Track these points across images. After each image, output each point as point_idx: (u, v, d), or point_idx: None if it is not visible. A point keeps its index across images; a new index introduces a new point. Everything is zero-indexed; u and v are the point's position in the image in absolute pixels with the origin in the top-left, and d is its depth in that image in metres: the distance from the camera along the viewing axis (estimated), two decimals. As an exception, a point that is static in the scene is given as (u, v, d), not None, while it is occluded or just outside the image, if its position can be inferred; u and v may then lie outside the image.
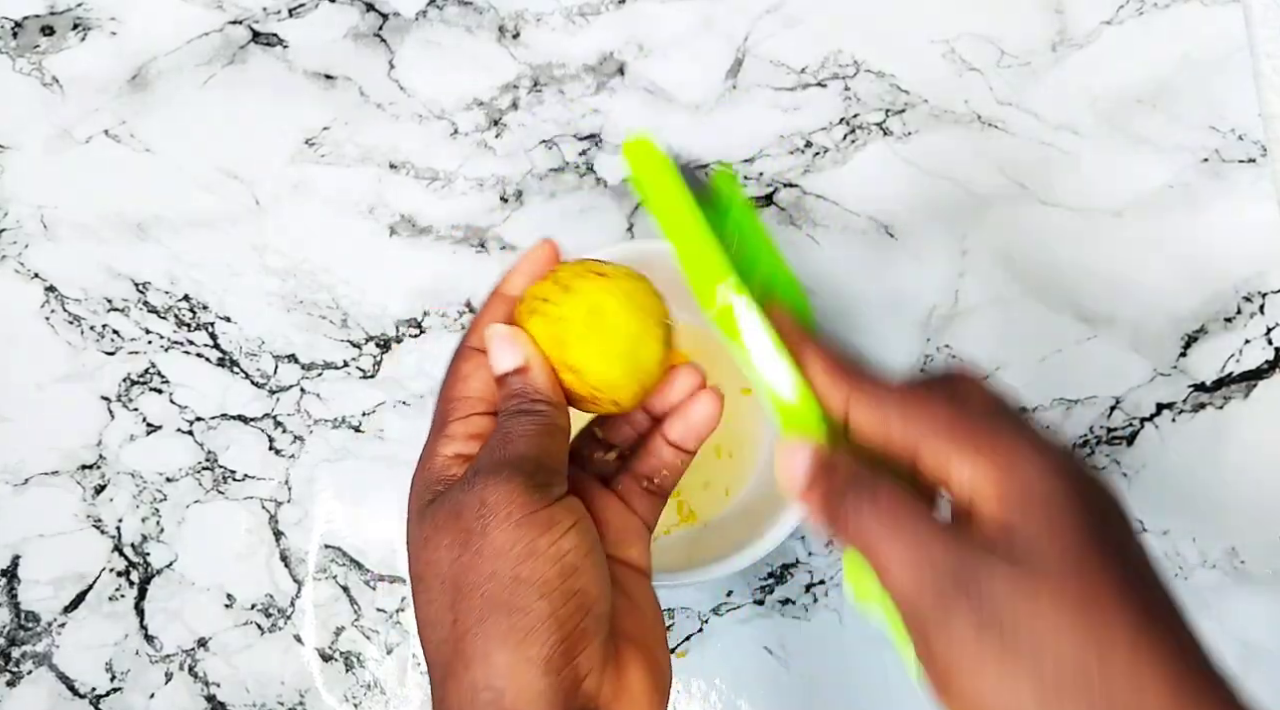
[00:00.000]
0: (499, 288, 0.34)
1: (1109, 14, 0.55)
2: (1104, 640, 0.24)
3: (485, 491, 0.28)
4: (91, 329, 0.52)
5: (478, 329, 0.33)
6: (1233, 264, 0.52)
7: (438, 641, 0.28)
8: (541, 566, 0.27)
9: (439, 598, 0.28)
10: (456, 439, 0.31)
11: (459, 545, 0.28)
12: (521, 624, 0.27)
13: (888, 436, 0.28)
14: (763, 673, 0.48)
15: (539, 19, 0.55)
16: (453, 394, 0.32)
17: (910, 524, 0.26)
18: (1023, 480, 0.26)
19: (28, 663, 0.49)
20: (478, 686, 0.27)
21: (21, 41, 0.55)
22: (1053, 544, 0.25)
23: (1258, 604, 0.48)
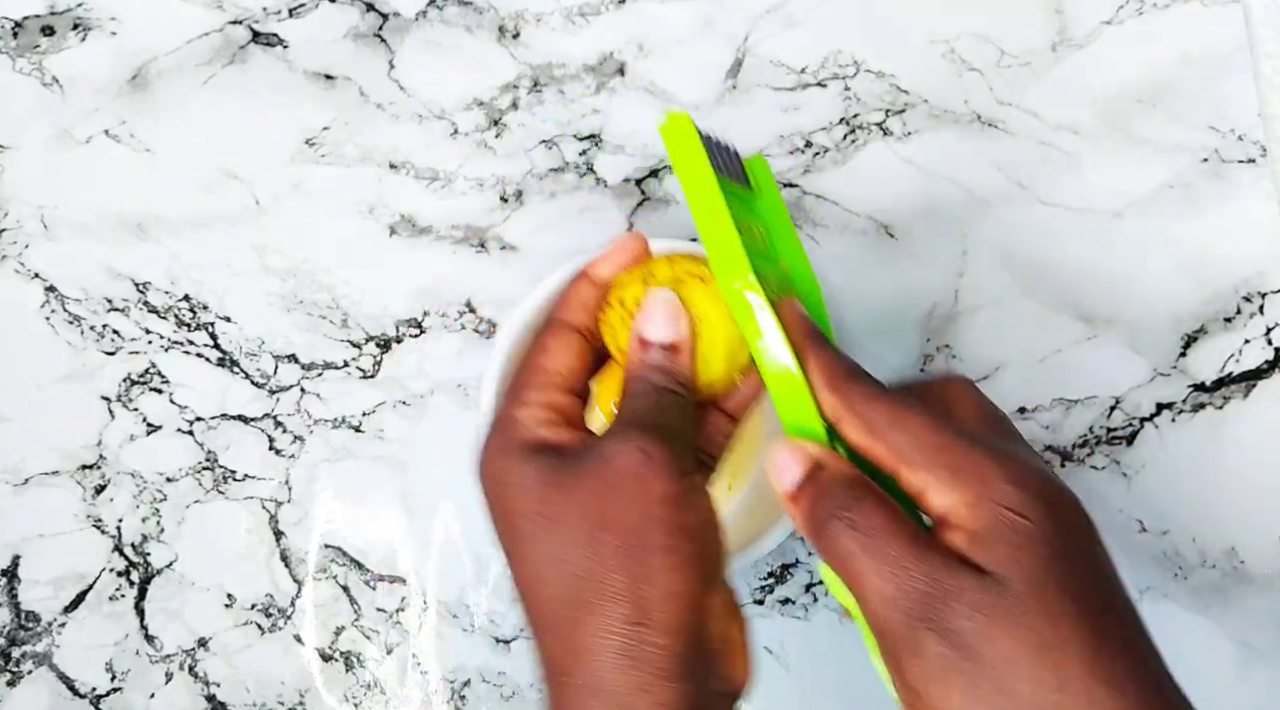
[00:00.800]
0: (587, 270, 0.35)
1: (1109, 14, 0.55)
2: (1061, 674, 0.24)
3: (643, 443, 0.29)
4: (91, 329, 0.52)
5: (566, 303, 0.34)
6: (1233, 264, 0.52)
7: (569, 577, 0.29)
8: (690, 516, 0.29)
9: (576, 536, 0.29)
10: (534, 406, 0.32)
11: (610, 488, 0.29)
12: (672, 560, 0.28)
13: (871, 453, 0.29)
14: (763, 673, 0.48)
15: (539, 19, 0.55)
16: (533, 363, 0.33)
17: (886, 546, 0.27)
18: (994, 505, 0.26)
19: (28, 663, 0.49)
20: (622, 619, 0.28)
21: (21, 41, 0.55)
22: (1018, 570, 0.25)
23: (1258, 604, 0.48)
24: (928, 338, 0.51)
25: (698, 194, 0.33)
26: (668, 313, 0.33)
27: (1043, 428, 0.50)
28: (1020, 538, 0.26)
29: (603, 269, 0.35)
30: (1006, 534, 0.26)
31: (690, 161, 0.33)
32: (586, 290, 0.35)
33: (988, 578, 0.25)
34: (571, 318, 0.34)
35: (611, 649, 0.28)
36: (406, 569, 0.50)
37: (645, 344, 0.32)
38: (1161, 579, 0.48)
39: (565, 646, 0.29)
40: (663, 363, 0.32)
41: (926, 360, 0.51)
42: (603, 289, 0.35)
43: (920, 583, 0.26)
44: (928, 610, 0.26)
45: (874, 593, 0.27)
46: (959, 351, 0.51)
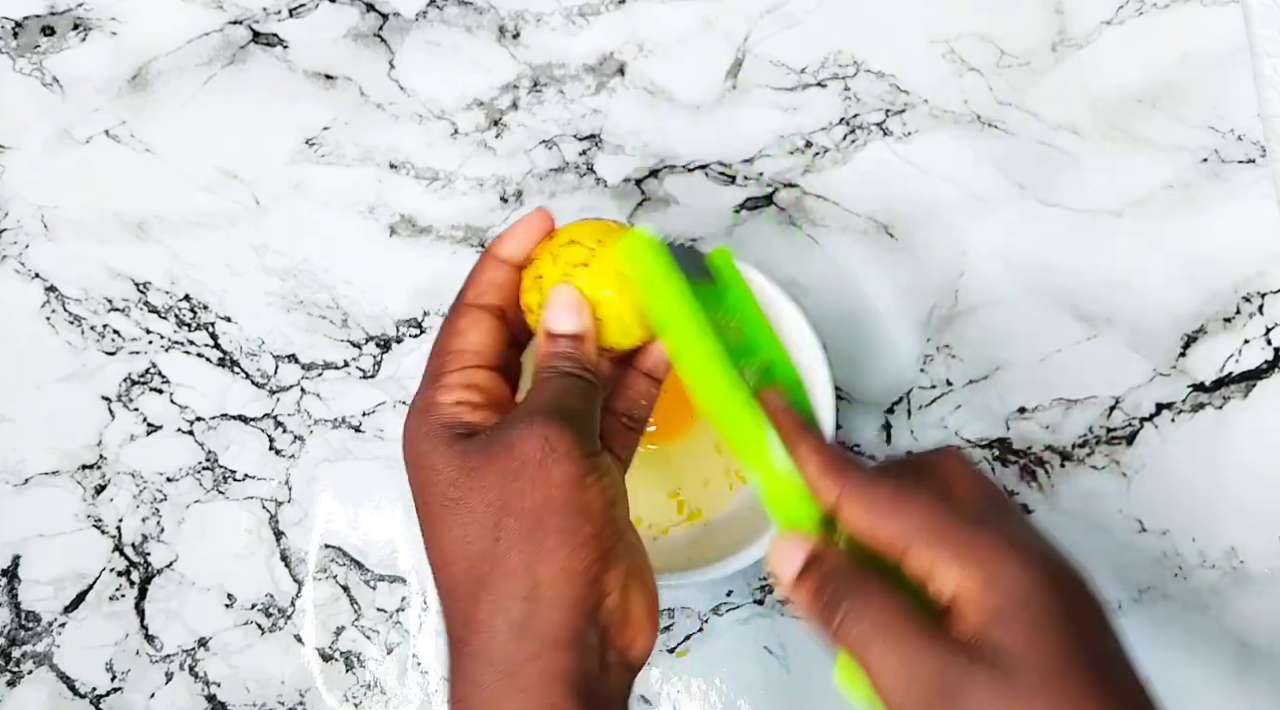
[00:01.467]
0: (492, 249, 0.36)
1: (1109, 14, 0.55)
2: None
3: (547, 430, 0.30)
4: (92, 329, 0.52)
5: (475, 285, 0.35)
6: (1232, 264, 0.52)
7: (472, 558, 0.30)
8: (590, 497, 0.30)
9: (481, 518, 0.30)
10: (455, 389, 0.33)
11: (513, 474, 0.30)
12: (569, 541, 0.30)
13: (875, 536, 0.30)
14: (763, 673, 0.48)
15: (539, 19, 0.55)
16: (449, 346, 0.34)
17: (898, 632, 0.27)
18: (1003, 589, 0.27)
19: (28, 663, 0.49)
20: (517, 595, 0.29)
21: (22, 41, 0.55)
22: (1031, 654, 0.26)
23: (1257, 604, 0.48)
24: (928, 338, 0.51)
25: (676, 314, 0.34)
26: (570, 306, 0.34)
27: (1043, 428, 0.50)
28: (1031, 621, 0.26)
29: (507, 247, 0.36)
30: (1019, 615, 0.26)
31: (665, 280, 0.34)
32: (495, 270, 0.35)
33: (1001, 663, 0.26)
34: (481, 299, 0.35)
35: (505, 622, 0.29)
36: (406, 569, 0.50)
37: (552, 337, 0.34)
38: (1161, 579, 0.48)
39: (465, 619, 0.30)
40: (568, 350, 0.34)
41: (926, 360, 0.51)
42: (509, 267, 0.36)
43: (934, 669, 0.26)
44: (943, 697, 0.26)
45: (889, 680, 0.27)
46: (959, 351, 0.51)
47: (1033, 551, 0.28)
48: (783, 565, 0.31)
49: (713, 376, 0.33)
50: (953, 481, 0.32)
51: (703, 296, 0.35)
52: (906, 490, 0.30)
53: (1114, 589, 0.48)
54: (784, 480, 0.32)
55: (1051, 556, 0.28)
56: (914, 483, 0.30)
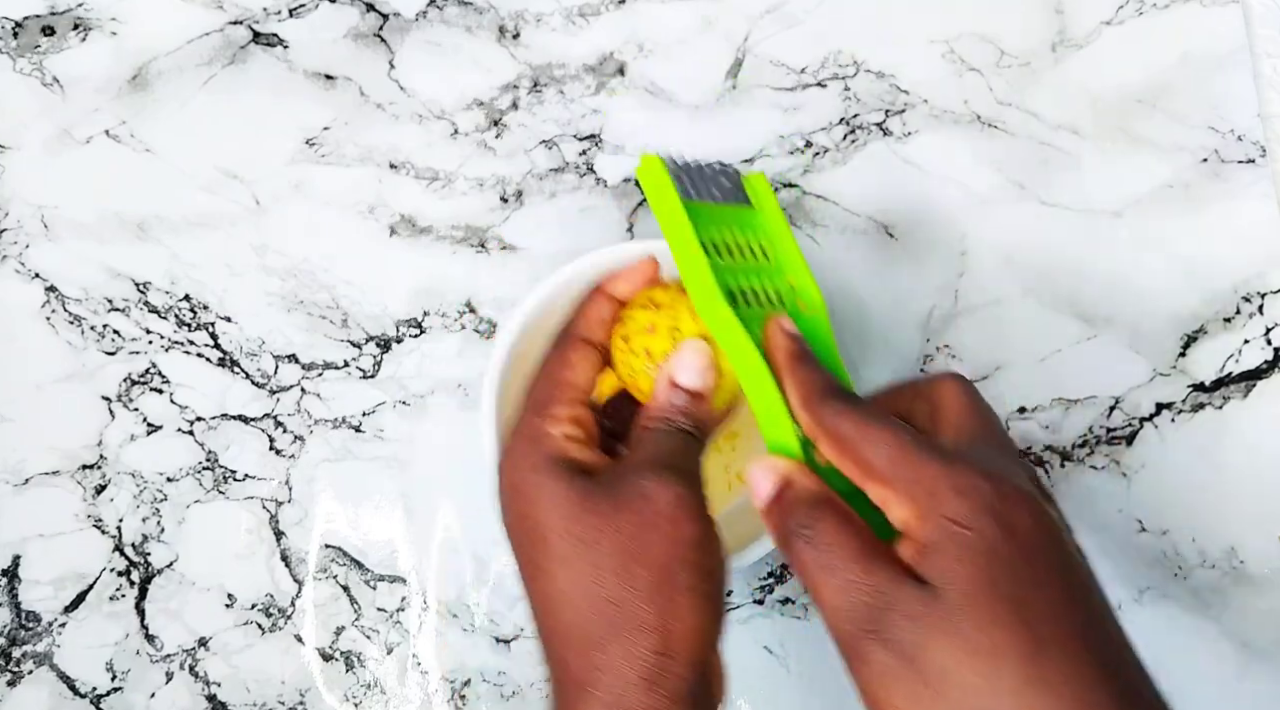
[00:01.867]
0: (605, 286, 0.37)
1: (1109, 14, 0.55)
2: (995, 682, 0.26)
3: (680, 488, 0.32)
4: (92, 329, 0.52)
5: (587, 319, 0.37)
6: (1232, 264, 0.52)
7: (601, 600, 0.31)
8: (711, 559, 0.32)
9: (612, 563, 0.31)
10: (563, 422, 0.34)
11: (647, 525, 0.31)
12: (697, 601, 0.31)
13: (843, 468, 0.31)
14: (763, 673, 0.48)
15: (539, 19, 0.55)
16: (560, 377, 0.35)
17: (843, 556, 0.28)
18: (939, 520, 0.28)
19: (28, 662, 0.49)
20: (652, 648, 0.30)
21: (22, 41, 0.55)
22: (955, 580, 0.27)
23: (1257, 604, 0.48)
24: (928, 338, 0.51)
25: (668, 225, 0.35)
26: (701, 364, 0.35)
27: (1043, 428, 0.50)
28: (960, 549, 0.27)
29: (621, 287, 0.37)
30: (948, 545, 0.27)
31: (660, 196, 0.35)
32: (605, 307, 0.37)
33: (927, 589, 0.27)
34: (591, 334, 0.36)
35: (637, 673, 0.30)
36: (406, 569, 0.50)
37: (674, 388, 0.35)
38: (1161, 579, 0.48)
39: (588, 663, 0.31)
40: (688, 407, 0.35)
41: (926, 360, 0.51)
42: (616, 306, 0.37)
43: (866, 595, 0.27)
44: (872, 621, 0.27)
45: (827, 604, 0.28)
46: (959, 351, 0.51)
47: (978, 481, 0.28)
48: (756, 488, 0.32)
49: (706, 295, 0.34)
50: (942, 404, 0.33)
51: (735, 218, 0.36)
52: (871, 423, 0.30)
53: (1114, 589, 0.48)
54: (772, 404, 0.33)
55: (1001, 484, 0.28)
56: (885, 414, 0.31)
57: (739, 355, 0.34)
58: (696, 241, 0.34)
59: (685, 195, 0.36)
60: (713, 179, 0.37)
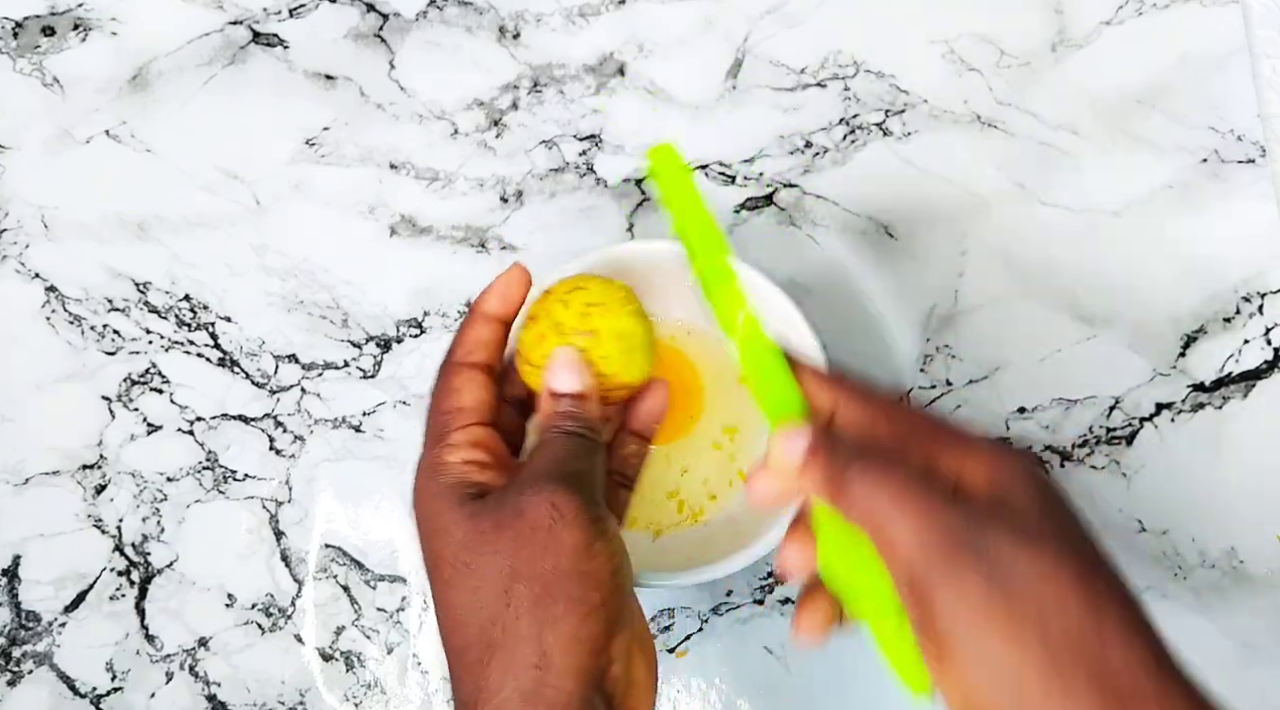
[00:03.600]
0: (477, 307, 0.37)
1: (1109, 14, 0.55)
2: (1103, 610, 0.26)
3: (555, 497, 0.31)
4: (92, 329, 0.52)
5: (464, 344, 0.36)
6: (1232, 264, 0.52)
7: (483, 623, 0.31)
8: (598, 564, 0.31)
9: (492, 584, 0.31)
10: (461, 447, 0.34)
11: (524, 540, 0.31)
12: (578, 610, 0.30)
13: (875, 430, 0.31)
14: (763, 673, 0.48)
15: (539, 19, 0.55)
16: (448, 406, 0.35)
17: (916, 490, 0.28)
18: (1009, 467, 0.28)
19: (28, 662, 0.49)
20: (528, 662, 0.30)
21: (22, 41, 0.55)
22: (1048, 520, 0.27)
23: (1257, 604, 0.48)
24: (928, 338, 0.51)
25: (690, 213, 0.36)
26: (572, 368, 0.35)
27: (1043, 428, 0.50)
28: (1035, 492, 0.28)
29: (492, 304, 0.37)
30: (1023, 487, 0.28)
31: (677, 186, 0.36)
32: (482, 328, 0.37)
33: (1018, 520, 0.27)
34: (470, 357, 0.36)
35: (515, 689, 0.29)
36: (406, 569, 0.50)
37: (555, 396, 0.35)
38: (1161, 579, 0.48)
39: (475, 684, 0.30)
40: (571, 409, 0.35)
41: (926, 360, 0.51)
42: (495, 324, 0.37)
43: (954, 527, 0.27)
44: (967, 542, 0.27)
45: (909, 535, 0.27)
46: (959, 351, 0.51)
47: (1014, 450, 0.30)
48: (788, 452, 0.31)
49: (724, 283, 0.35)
50: None
51: None
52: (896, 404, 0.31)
53: (1114, 589, 0.48)
54: (783, 384, 0.34)
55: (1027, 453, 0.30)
56: None
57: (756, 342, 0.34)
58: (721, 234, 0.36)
59: None
60: None
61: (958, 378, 0.51)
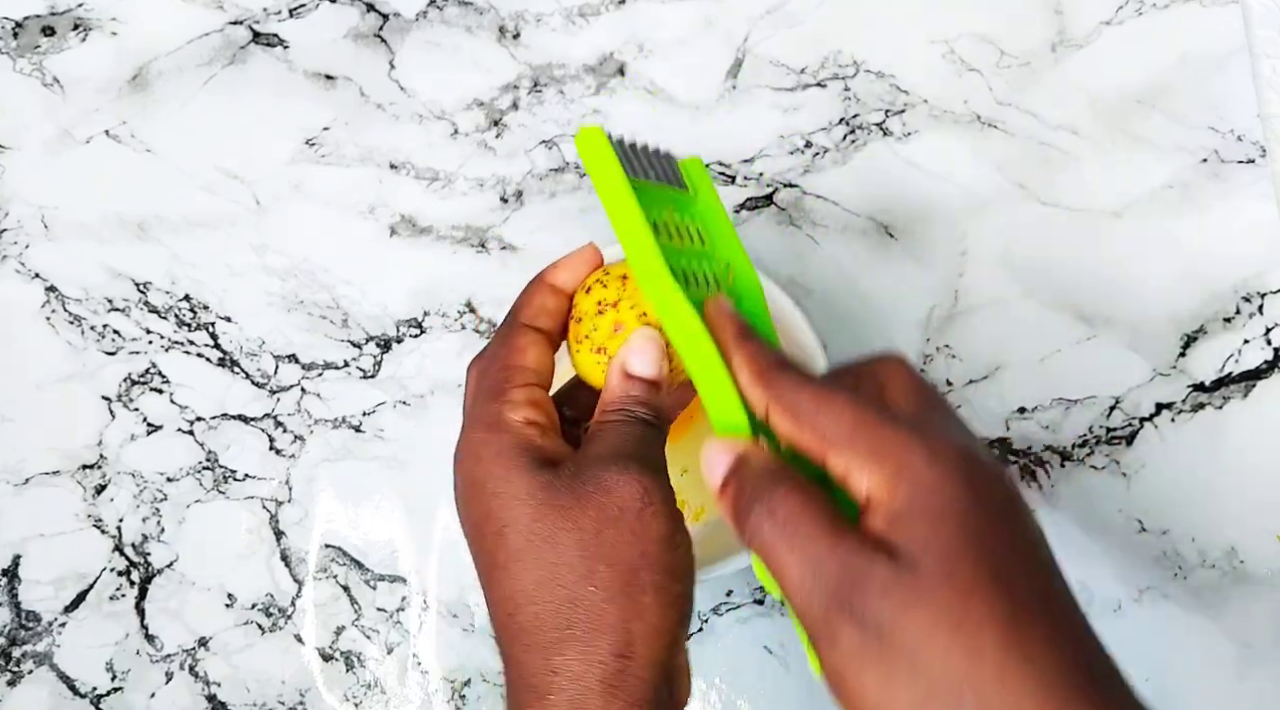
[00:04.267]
0: (544, 275, 0.36)
1: (1109, 14, 0.55)
2: (974, 651, 0.24)
3: (644, 480, 0.30)
4: (92, 329, 0.52)
5: (530, 306, 0.35)
6: (1232, 264, 0.52)
7: (561, 600, 0.30)
8: (680, 556, 0.31)
9: (573, 562, 0.30)
10: (521, 405, 0.32)
11: (611, 521, 0.30)
12: (662, 600, 0.30)
13: (799, 442, 0.29)
14: (763, 673, 0.48)
15: (539, 19, 0.55)
16: (511, 362, 0.33)
17: (805, 532, 0.27)
18: (909, 484, 0.26)
19: (28, 662, 0.49)
20: (612, 650, 0.29)
21: (22, 42, 0.55)
22: (930, 548, 0.26)
23: (1257, 604, 0.48)
24: (928, 338, 0.51)
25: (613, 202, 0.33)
26: (654, 353, 0.34)
27: (1043, 428, 0.50)
28: (934, 515, 0.26)
29: (562, 275, 0.36)
30: (922, 511, 0.26)
31: (604, 170, 0.34)
32: (549, 297, 0.35)
33: (901, 560, 0.26)
34: (537, 322, 0.35)
35: (596, 676, 0.29)
36: (406, 569, 0.50)
37: (629, 378, 0.33)
38: (1161, 579, 0.48)
39: (545, 666, 0.29)
40: (644, 396, 0.33)
41: (926, 360, 0.51)
42: (561, 296, 0.36)
43: (834, 569, 0.26)
44: (841, 597, 0.26)
45: (792, 582, 0.27)
46: (959, 351, 0.51)
47: (944, 448, 0.27)
48: (709, 470, 0.30)
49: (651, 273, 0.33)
50: (887, 383, 0.32)
51: (671, 200, 0.35)
52: (828, 393, 0.29)
53: (1114, 589, 0.48)
54: (719, 385, 0.32)
55: (966, 453, 0.27)
56: (841, 386, 0.30)
57: (686, 335, 0.32)
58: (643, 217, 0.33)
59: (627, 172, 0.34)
60: (650, 159, 0.36)
61: (958, 378, 0.51)
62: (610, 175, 0.34)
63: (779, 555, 0.27)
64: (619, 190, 0.33)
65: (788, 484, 0.28)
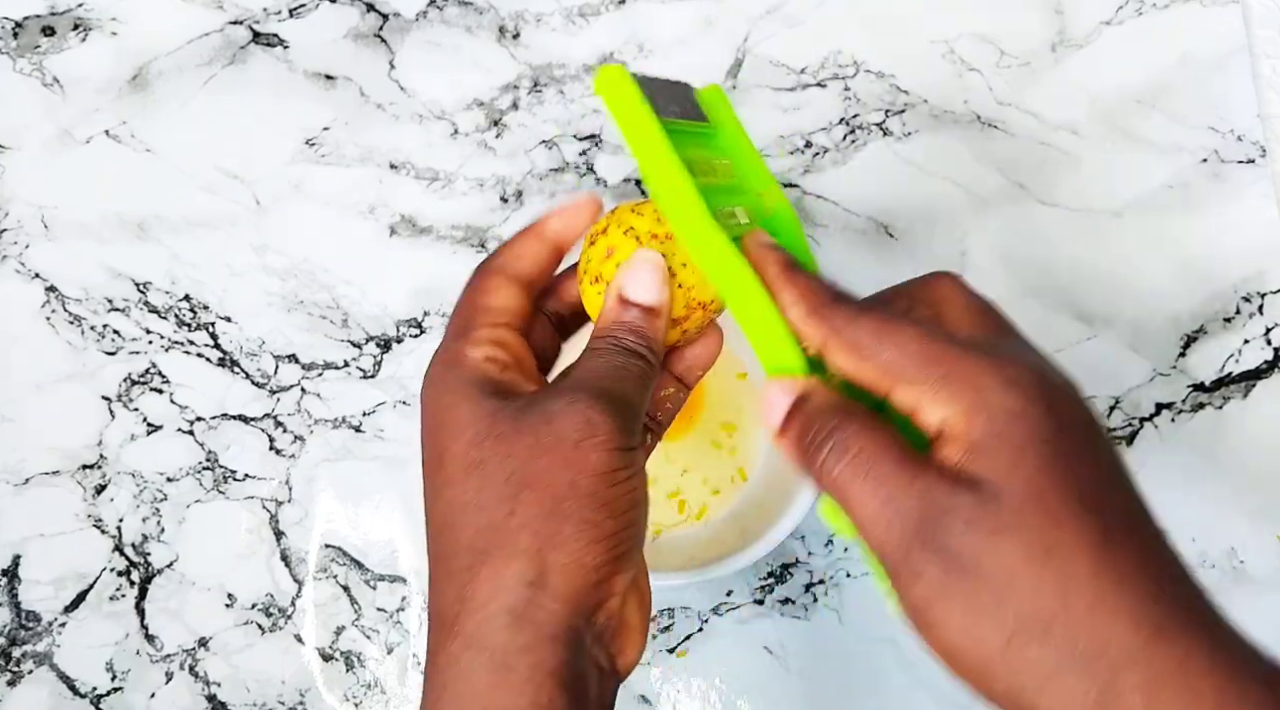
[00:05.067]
0: (536, 226, 0.34)
1: (1109, 14, 0.55)
2: (1065, 579, 0.24)
3: (590, 412, 0.28)
4: (92, 329, 0.52)
5: (509, 251, 0.33)
6: (1232, 264, 0.52)
7: (480, 526, 0.28)
8: (619, 493, 0.28)
9: (498, 487, 0.28)
10: (484, 344, 0.31)
11: (544, 448, 0.28)
12: (587, 533, 0.28)
13: (861, 377, 0.28)
14: (763, 673, 0.48)
15: (539, 19, 0.55)
16: (478, 303, 0.32)
17: (880, 467, 0.26)
18: (986, 414, 0.26)
19: (28, 662, 0.49)
20: (522, 578, 0.27)
21: (22, 42, 0.55)
22: (1013, 479, 0.25)
23: (1258, 604, 0.48)
24: (928, 338, 0.51)
25: (644, 146, 0.31)
26: (653, 276, 0.31)
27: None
28: (1018, 441, 0.25)
29: (555, 224, 0.34)
30: (1004, 439, 0.25)
31: (631, 112, 0.31)
32: (533, 243, 0.33)
33: (984, 490, 0.25)
34: (512, 267, 0.33)
35: (502, 603, 0.27)
36: (406, 569, 0.50)
37: (625, 303, 0.31)
38: (1161, 579, 0.48)
39: (459, 594, 0.28)
40: (638, 323, 0.31)
41: (926, 360, 0.51)
42: (549, 244, 0.34)
43: (914, 504, 0.25)
44: (924, 531, 0.25)
45: (869, 518, 0.26)
46: (959, 351, 0.51)
47: (1020, 372, 0.26)
48: (769, 411, 0.29)
49: (689, 216, 0.31)
50: (945, 305, 0.30)
51: (694, 135, 0.33)
52: (890, 323, 0.28)
53: (1114, 589, 0.48)
54: (770, 325, 0.30)
55: (1042, 376, 0.26)
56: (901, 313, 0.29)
57: (730, 277, 0.30)
58: (678, 159, 0.31)
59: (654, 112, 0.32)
60: (672, 93, 0.34)
61: (958, 378, 0.51)
62: (639, 117, 0.31)
63: (854, 493, 0.26)
64: (650, 132, 0.31)
65: (858, 420, 0.27)
